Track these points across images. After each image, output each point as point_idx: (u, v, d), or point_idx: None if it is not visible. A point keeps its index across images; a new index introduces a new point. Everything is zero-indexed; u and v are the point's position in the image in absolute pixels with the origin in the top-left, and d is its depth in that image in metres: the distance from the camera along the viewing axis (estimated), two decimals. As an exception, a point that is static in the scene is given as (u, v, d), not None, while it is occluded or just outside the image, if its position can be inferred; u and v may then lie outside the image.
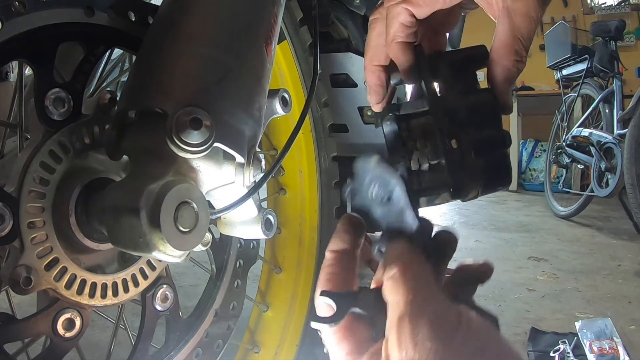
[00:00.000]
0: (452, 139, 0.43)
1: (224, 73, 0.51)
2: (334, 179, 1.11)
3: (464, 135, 0.43)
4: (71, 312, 0.55)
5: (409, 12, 0.47)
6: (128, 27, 0.60)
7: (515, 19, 0.43)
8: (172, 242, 0.46)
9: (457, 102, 0.45)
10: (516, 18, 0.43)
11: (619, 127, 3.04)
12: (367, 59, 0.52)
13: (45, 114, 0.52)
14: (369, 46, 0.52)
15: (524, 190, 5.19)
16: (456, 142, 0.43)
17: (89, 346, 0.63)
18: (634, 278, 2.22)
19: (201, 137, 0.46)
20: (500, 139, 0.45)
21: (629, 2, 5.47)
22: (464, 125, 0.44)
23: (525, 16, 0.43)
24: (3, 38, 0.49)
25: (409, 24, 0.47)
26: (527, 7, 0.43)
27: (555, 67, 4.04)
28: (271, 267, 1.04)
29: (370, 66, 0.52)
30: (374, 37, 0.51)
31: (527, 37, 0.44)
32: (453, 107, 0.44)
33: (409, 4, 0.46)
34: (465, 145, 0.43)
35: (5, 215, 0.49)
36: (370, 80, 0.52)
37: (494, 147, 0.45)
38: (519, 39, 0.44)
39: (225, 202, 0.56)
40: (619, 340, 1.50)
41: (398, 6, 0.47)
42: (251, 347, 0.98)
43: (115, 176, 0.60)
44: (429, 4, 0.46)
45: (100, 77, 0.81)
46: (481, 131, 0.44)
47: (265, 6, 0.56)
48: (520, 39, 0.44)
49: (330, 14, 1.30)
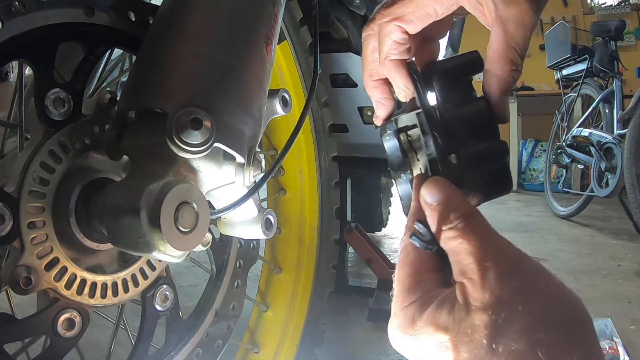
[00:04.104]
0: (451, 153, 0.43)
1: (224, 73, 0.51)
2: (334, 179, 1.11)
3: (463, 150, 0.43)
4: (71, 312, 0.55)
5: (401, 29, 0.46)
6: (128, 27, 0.60)
7: (509, 27, 0.42)
8: (172, 242, 0.46)
9: (453, 115, 0.44)
10: (510, 26, 0.42)
11: (619, 127, 3.03)
12: (367, 76, 0.51)
13: (45, 114, 0.52)
14: (366, 62, 0.51)
15: (524, 190, 5.19)
16: (456, 157, 0.43)
17: (89, 346, 0.63)
18: (634, 278, 2.22)
19: (201, 137, 0.46)
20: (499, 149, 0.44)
21: (629, 2, 5.47)
22: (462, 138, 0.43)
23: (519, 24, 0.42)
24: (3, 38, 0.49)
25: (402, 41, 0.46)
26: (521, 14, 0.42)
27: (555, 67, 4.04)
28: (271, 267, 1.05)
29: (370, 82, 0.51)
30: (368, 53, 0.50)
31: (522, 45, 0.43)
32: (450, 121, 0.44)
33: (401, 21, 0.45)
34: (464, 159, 0.43)
35: (5, 215, 0.49)
36: (375, 95, 0.51)
37: (493, 158, 0.44)
38: (513, 48, 0.43)
39: (225, 202, 0.56)
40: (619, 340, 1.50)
41: (389, 24, 0.46)
42: (251, 347, 0.98)
43: (115, 176, 0.60)
44: (420, 19, 0.45)
45: (100, 77, 0.81)
46: (480, 143, 0.44)
47: (265, 6, 0.56)
48: (514, 47, 0.43)
49: (330, 14, 1.30)
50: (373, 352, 1.49)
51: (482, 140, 0.44)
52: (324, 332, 1.09)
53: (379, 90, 0.51)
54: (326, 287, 1.09)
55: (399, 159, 0.47)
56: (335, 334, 1.56)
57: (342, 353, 1.48)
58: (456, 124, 0.44)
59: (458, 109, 0.45)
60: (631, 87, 3.67)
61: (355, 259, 2.37)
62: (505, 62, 0.43)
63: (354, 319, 1.75)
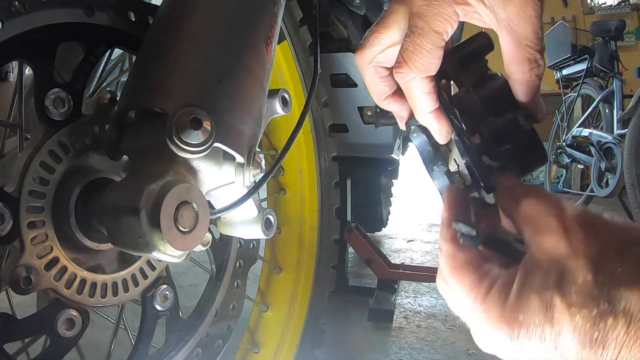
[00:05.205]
0: (474, 134, 0.43)
1: (224, 73, 0.51)
2: (334, 179, 1.11)
3: (484, 128, 0.43)
4: (71, 312, 0.55)
5: (429, 79, 0.44)
6: (128, 27, 0.60)
7: (515, 27, 0.41)
8: (172, 242, 0.46)
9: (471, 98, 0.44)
10: (515, 24, 0.41)
11: (619, 127, 3.04)
12: (377, 99, 0.51)
13: (45, 114, 0.52)
14: (371, 87, 0.51)
15: (524, 190, 5.18)
16: (479, 137, 0.43)
17: (89, 346, 0.63)
18: (634, 278, 2.22)
19: (201, 137, 0.46)
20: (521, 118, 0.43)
21: (629, 2, 5.47)
22: (483, 117, 0.43)
23: (524, 19, 0.40)
24: (3, 38, 0.49)
25: (433, 89, 0.44)
26: (522, 7, 0.40)
27: (555, 67, 4.04)
28: (271, 267, 1.05)
29: (382, 103, 0.51)
30: (369, 79, 0.50)
31: (534, 40, 0.41)
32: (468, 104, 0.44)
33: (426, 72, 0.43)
34: (487, 137, 0.43)
35: (5, 215, 0.49)
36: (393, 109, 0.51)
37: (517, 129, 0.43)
38: (526, 46, 0.41)
39: (225, 202, 0.56)
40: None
41: (415, 80, 0.44)
42: (251, 347, 0.98)
43: (115, 176, 0.60)
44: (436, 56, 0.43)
45: (100, 77, 0.81)
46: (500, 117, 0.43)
47: (265, 6, 0.56)
48: (527, 45, 0.41)
49: (330, 14, 1.30)
50: (373, 352, 1.49)
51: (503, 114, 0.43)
52: (324, 332, 1.09)
53: (394, 102, 0.50)
54: (326, 287, 1.09)
55: (430, 153, 0.48)
56: (335, 334, 1.55)
57: (342, 353, 1.48)
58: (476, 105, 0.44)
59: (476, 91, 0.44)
60: (631, 87, 3.67)
61: (355, 259, 2.37)
62: (524, 63, 0.42)
63: (354, 319, 1.75)
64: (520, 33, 0.41)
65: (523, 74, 0.42)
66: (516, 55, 0.42)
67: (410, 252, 2.66)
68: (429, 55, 0.43)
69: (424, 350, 1.48)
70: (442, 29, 0.42)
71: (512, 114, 0.43)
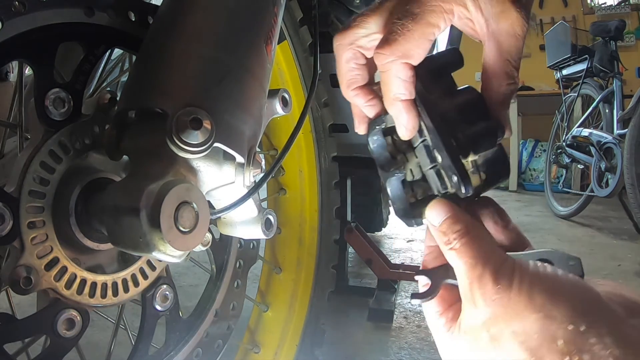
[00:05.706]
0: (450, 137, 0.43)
1: (224, 73, 0.51)
2: (334, 179, 1.11)
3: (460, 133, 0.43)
4: (71, 312, 0.55)
5: (408, 67, 0.43)
6: (128, 27, 0.60)
7: (502, 41, 0.42)
8: (172, 242, 0.46)
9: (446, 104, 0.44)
10: (502, 40, 0.42)
11: (619, 127, 3.04)
12: (345, 86, 0.49)
13: (45, 114, 0.52)
14: (342, 72, 0.49)
15: (524, 190, 5.19)
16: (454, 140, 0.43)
17: (89, 346, 0.63)
18: (634, 278, 2.22)
19: (201, 137, 0.46)
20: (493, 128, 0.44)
21: (629, 2, 5.47)
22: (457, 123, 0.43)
23: (512, 36, 0.42)
24: (3, 38, 0.49)
25: (411, 79, 0.43)
26: (513, 25, 0.41)
27: (555, 67, 4.04)
28: (271, 267, 1.05)
29: (350, 92, 0.49)
30: (343, 63, 0.48)
31: (516, 57, 0.43)
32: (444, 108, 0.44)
33: (409, 58, 0.42)
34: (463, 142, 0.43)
35: (5, 215, 0.49)
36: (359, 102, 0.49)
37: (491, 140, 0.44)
38: (508, 61, 0.42)
39: (225, 202, 0.56)
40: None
41: (396, 63, 0.42)
42: (251, 347, 0.98)
43: (115, 176, 0.60)
44: (425, 49, 0.43)
45: (100, 77, 0.81)
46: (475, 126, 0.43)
47: (265, 6, 0.56)
48: (509, 60, 0.42)
49: (330, 14, 1.30)
50: (373, 352, 1.49)
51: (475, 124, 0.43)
52: (324, 332, 1.09)
53: (362, 95, 0.48)
54: (326, 287, 1.09)
55: (387, 159, 0.47)
56: (335, 334, 1.56)
57: (342, 353, 1.48)
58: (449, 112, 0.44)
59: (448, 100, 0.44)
60: (631, 87, 3.67)
61: (355, 259, 2.37)
62: (502, 76, 0.43)
63: (354, 319, 1.75)
64: (506, 48, 0.42)
65: (500, 87, 0.43)
66: (497, 68, 0.43)
67: (410, 252, 2.66)
68: (415, 42, 0.42)
69: (424, 350, 1.48)
70: (436, 22, 0.42)
71: (487, 124, 0.44)
